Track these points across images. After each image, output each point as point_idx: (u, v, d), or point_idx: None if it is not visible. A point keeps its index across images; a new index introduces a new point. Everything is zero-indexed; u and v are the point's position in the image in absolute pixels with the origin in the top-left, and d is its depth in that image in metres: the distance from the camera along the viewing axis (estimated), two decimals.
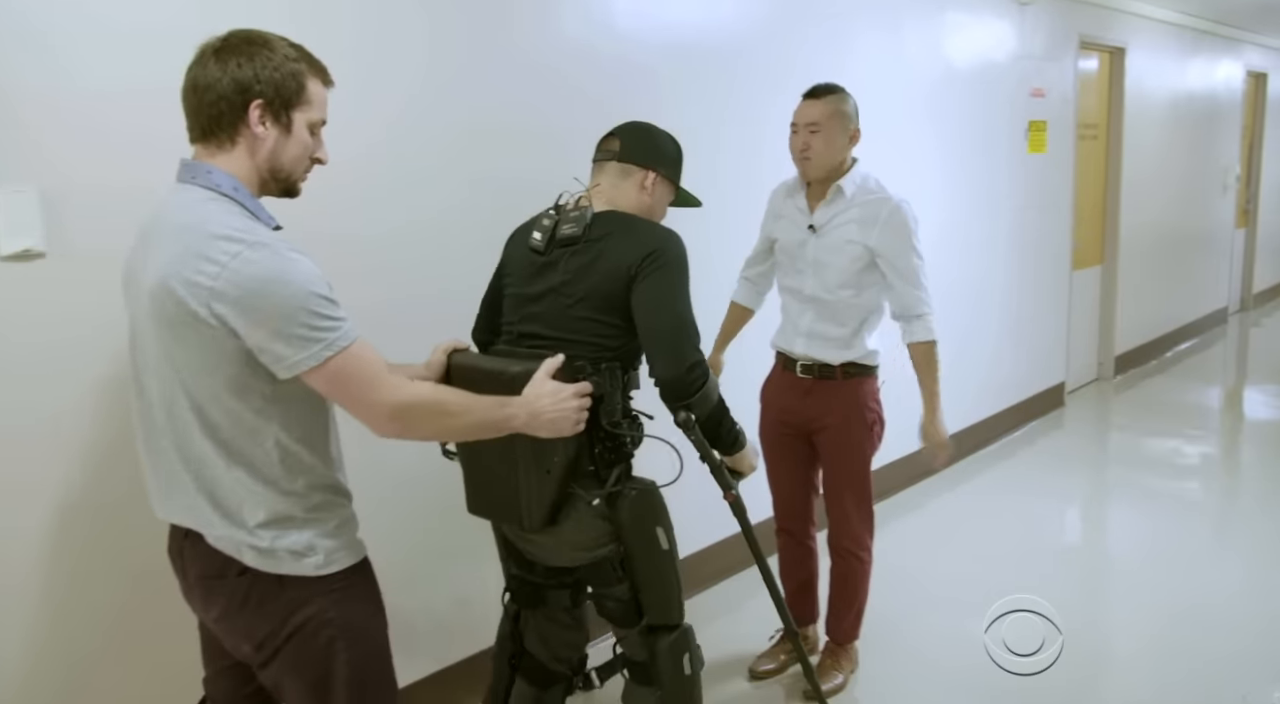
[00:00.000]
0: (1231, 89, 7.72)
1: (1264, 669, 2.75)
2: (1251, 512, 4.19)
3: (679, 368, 1.78)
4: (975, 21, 4.56)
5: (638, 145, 1.96)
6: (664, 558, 1.88)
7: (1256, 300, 8.92)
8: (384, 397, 1.42)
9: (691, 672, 1.95)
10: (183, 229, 1.35)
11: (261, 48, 1.41)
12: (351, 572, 1.50)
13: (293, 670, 1.47)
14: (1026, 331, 5.22)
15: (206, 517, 1.42)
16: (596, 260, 1.81)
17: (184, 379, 1.38)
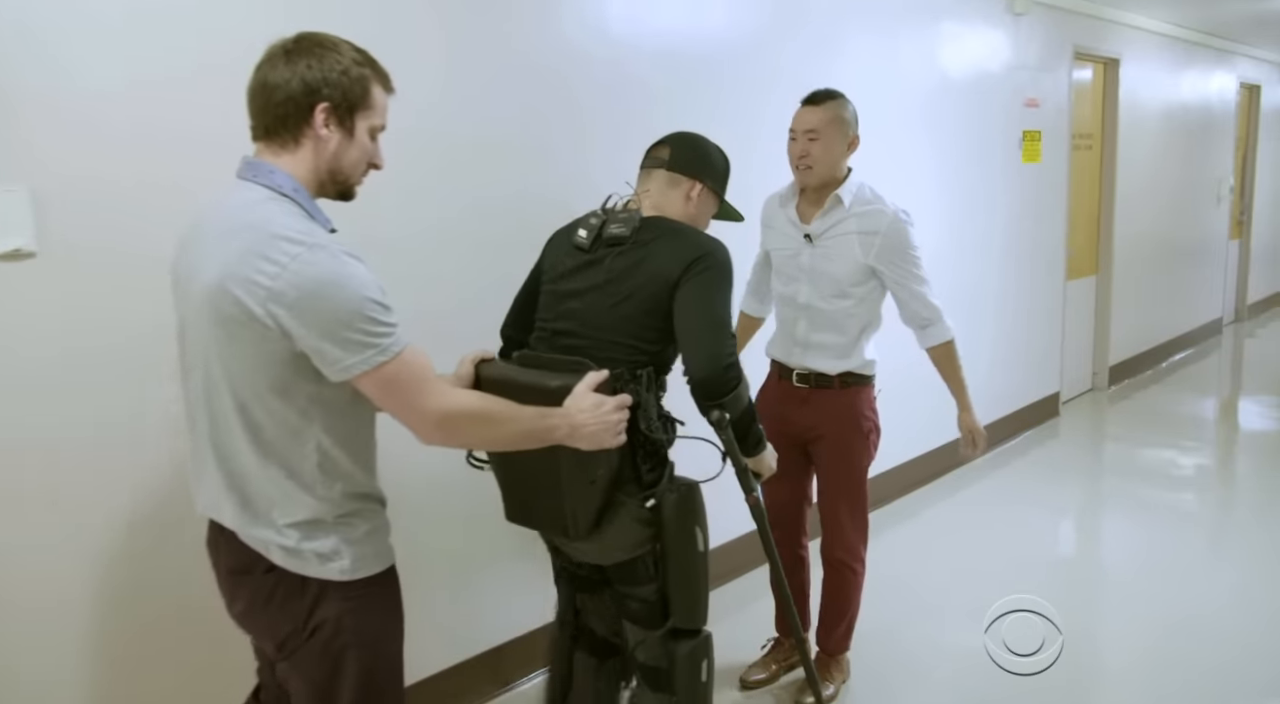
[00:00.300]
0: (1225, 100, 7.75)
1: (1257, 682, 2.74)
2: (1246, 523, 4.18)
3: (715, 367, 1.80)
4: (970, 31, 4.57)
5: (687, 155, 1.99)
6: (698, 559, 1.90)
7: (1251, 311, 8.93)
8: (433, 404, 1.43)
9: (707, 679, 1.96)
10: (243, 228, 1.36)
11: (330, 51, 1.42)
12: (376, 580, 1.50)
13: (303, 670, 1.48)
14: (1021, 341, 5.22)
15: (239, 513, 1.44)
16: (642, 262, 1.84)
17: (231, 377, 1.39)
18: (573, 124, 2.79)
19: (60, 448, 1.90)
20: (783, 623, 2.85)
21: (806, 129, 2.43)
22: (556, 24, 2.72)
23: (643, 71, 2.97)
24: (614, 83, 2.89)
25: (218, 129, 2.03)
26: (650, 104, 3.00)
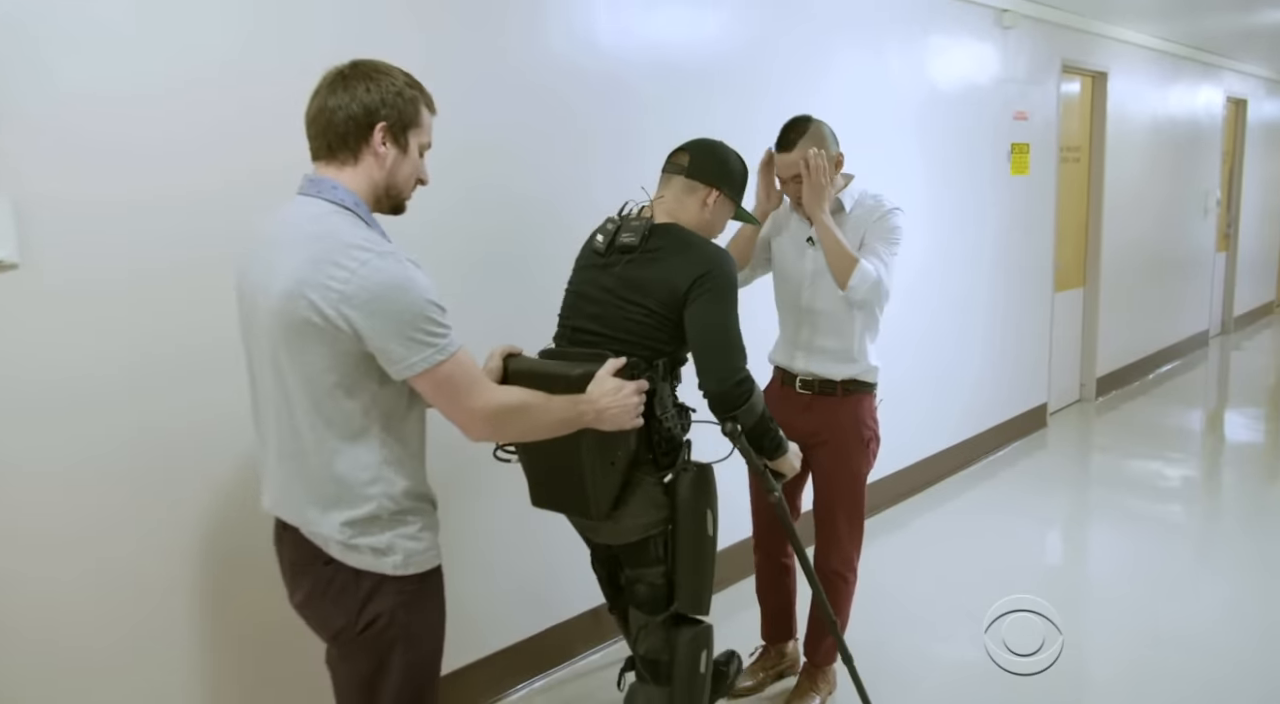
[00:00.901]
0: (1212, 114, 7.82)
1: (1245, 695, 2.75)
2: (1233, 534, 4.20)
3: (726, 382, 1.92)
4: (958, 44, 4.60)
5: (705, 163, 2.05)
6: (707, 543, 1.98)
7: (1237, 323, 8.99)
8: (482, 402, 1.55)
9: (705, 671, 2.03)
10: (313, 238, 1.47)
11: (385, 75, 1.54)
12: (425, 577, 1.59)
13: (351, 660, 1.58)
14: (1009, 353, 5.24)
15: (301, 510, 1.54)
16: (648, 270, 1.94)
17: (300, 378, 1.48)
18: (566, 135, 2.80)
19: (32, 471, 1.89)
20: (770, 631, 2.85)
21: (791, 175, 2.45)
22: (546, 38, 2.73)
23: (634, 82, 2.98)
24: (606, 93, 2.90)
25: (203, 142, 2.05)
26: (641, 113, 3.01)
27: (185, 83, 2.01)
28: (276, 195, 2.14)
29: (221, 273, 2.06)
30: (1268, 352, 8.36)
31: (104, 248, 1.93)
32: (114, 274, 1.95)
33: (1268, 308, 9.97)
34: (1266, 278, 9.90)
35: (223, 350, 2.11)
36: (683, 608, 1.97)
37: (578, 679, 2.90)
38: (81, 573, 1.96)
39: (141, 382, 2.00)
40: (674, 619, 1.98)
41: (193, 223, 2.05)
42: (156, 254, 2.01)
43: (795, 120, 2.47)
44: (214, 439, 2.11)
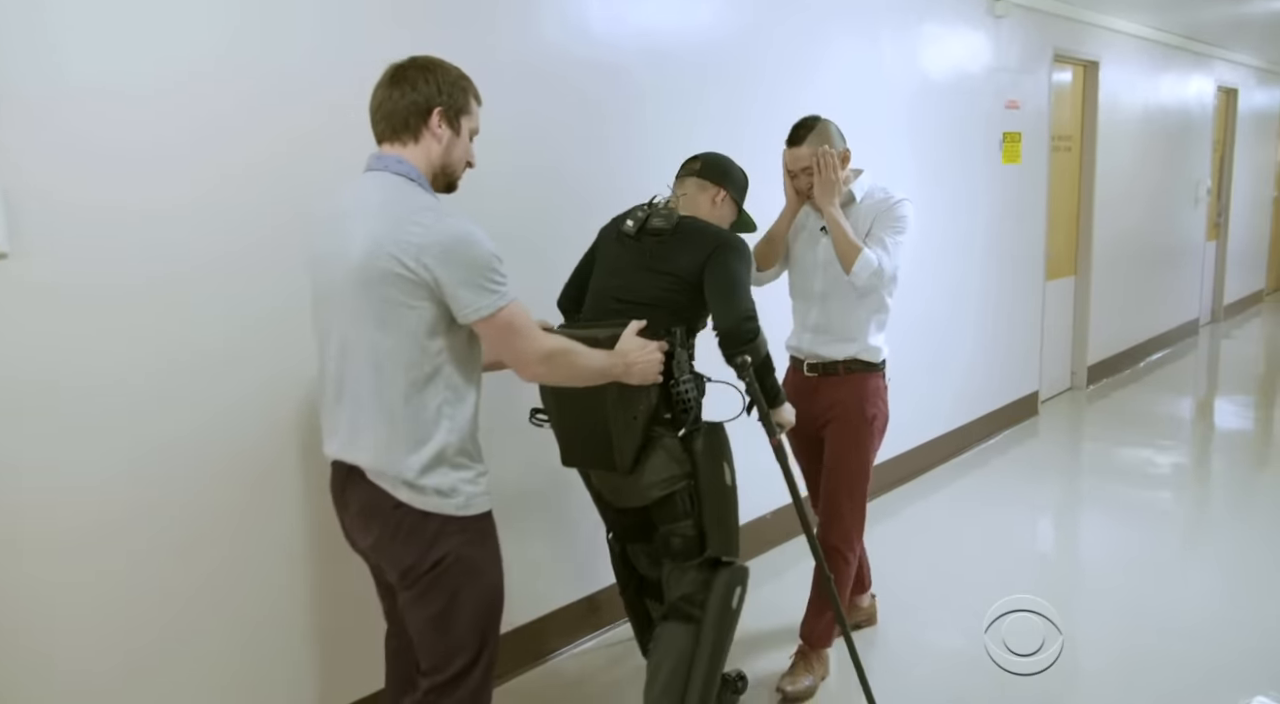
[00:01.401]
0: (1203, 103, 7.84)
1: (1233, 678, 2.77)
2: (1222, 521, 4.23)
3: (737, 318, 2.15)
4: (951, 33, 4.60)
5: (714, 168, 2.41)
6: (728, 492, 2.22)
7: (1227, 312, 9.04)
8: (537, 345, 1.76)
9: (736, 608, 2.23)
10: (388, 204, 1.67)
11: (439, 67, 1.76)
12: (484, 518, 1.77)
13: (422, 600, 1.73)
14: (1001, 341, 5.26)
15: (375, 454, 1.69)
16: (679, 250, 2.23)
17: (384, 329, 1.65)
18: (559, 122, 2.80)
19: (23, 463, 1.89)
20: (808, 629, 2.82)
21: (802, 168, 2.60)
22: (539, 26, 2.73)
23: (628, 69, 2.98)
24: (600, 81, 2.90)
25: (193, 134, 2.05)
26: (635, 101, 3.02)
27: (175, 79, 2.01)
28: (270, 187, 2.16)
29: (222, 273, 2.11)
30: (1257, 340, 8.41)
31: (93, 236, 1.93)
32: (104, 265, 1.95)
33: (1257, 297, 10.02)
34: (1256, 267, 9.94)
35: (237, 347, 2.12)
36: (715, 552, 2.20)
37: (577, 661, 2.92)
38: (103, 576, 1.99)
39: (157, 382, 2.01)
40: (710, 563, 2.21)
41: (190, 223, 2.05)
42: (153, 255, 2.02)
43: (805, 119, 2.62)
44: (223, 429, 2.12)
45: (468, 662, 1.75)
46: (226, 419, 2.16)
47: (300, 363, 2.16)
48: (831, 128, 2.61)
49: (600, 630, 3.10)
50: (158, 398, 2.04)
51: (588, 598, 3.04)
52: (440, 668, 1.75)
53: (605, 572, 3.03)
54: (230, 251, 2.12)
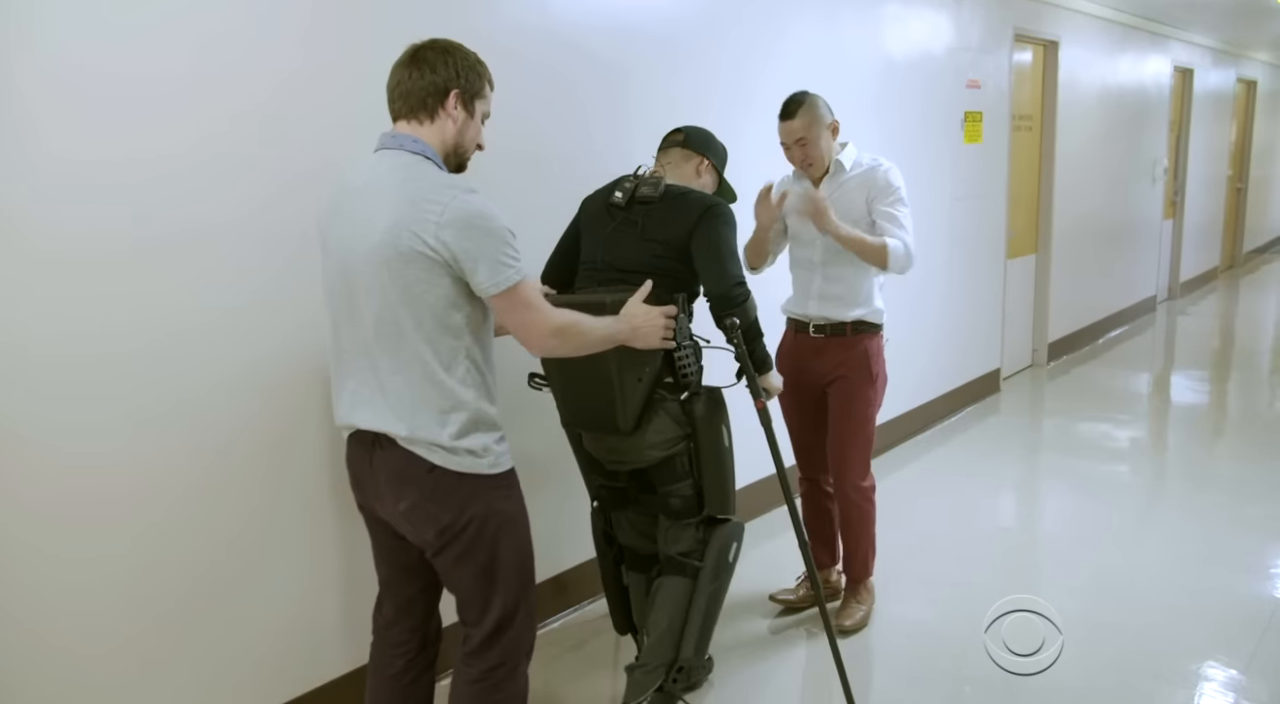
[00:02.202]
0: (1160, 84, 7.95)
1: (1183, 643, 2.85)
2: (1178, 493, 4.33)
3: (727, 283, 2.23)
4: (913, 13, 4.61)
5: (697, 138, 2.48)
6: (725, 454, 2.32)
7: (1183, 289, 9.21)
8: (547, 319, 1.81)
9: (733, 561, 2.37)
10: (408, 181, 1.72)
11: (456, 50, 1.81)
12: (511, 474, 1.87)
13: (466, 555, 1.81)
14: (963, 319, 5.32)
15: (407, 423, 1.74)
16: (668, 216, 2.28)
17: (408, 304, 1.70)
18: (525, 100, 2.77)
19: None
20: (815, 556, 3.08)
21: (795, 139, 2.76)
22: (505, 6, 2.70)
23: (592, 47, 2.96)
24: (565, 58, 2.88)
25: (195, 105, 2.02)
26: (600, 79, 3.00)
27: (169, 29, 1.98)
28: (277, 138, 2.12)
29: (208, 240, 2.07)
30: (1212, 316, 8.58)
31: (102, 203, 1.91)
32: (117, 234, 1.94)
33: (1212, 274, 10.22)
34: (1211, 244, 10.14)
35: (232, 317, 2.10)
36: (713, 510, 2.32)
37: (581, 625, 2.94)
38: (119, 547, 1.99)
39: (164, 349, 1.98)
40: (707, 521, 2.34)
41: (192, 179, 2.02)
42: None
43: (795, 94, 2.76)
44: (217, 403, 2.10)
45: (513, 607, 1.86)
46: (237, 387, 2.19)
47: (311, 332, 2.19)
48: (820, 102, 2.75)
49: (567, 610, 3.11)
50: (164, 364, 2.06)
51: (553, 579, 3.04)
52: (487, 615, 1.85)
53: (570, 553, 3.06)
54: (221, 220, 2.10)
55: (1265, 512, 3.86)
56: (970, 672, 2.71)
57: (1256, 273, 10.95)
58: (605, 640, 2.90)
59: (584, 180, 2.52)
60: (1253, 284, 10.24)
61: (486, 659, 1.87)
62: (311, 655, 2.42)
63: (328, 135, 2.29)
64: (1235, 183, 10.79)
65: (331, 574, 2.43)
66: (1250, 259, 11.65)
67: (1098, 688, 2.61)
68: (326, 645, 2.44)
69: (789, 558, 2.99)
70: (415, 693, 2.01)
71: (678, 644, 2.30)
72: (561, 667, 2.81)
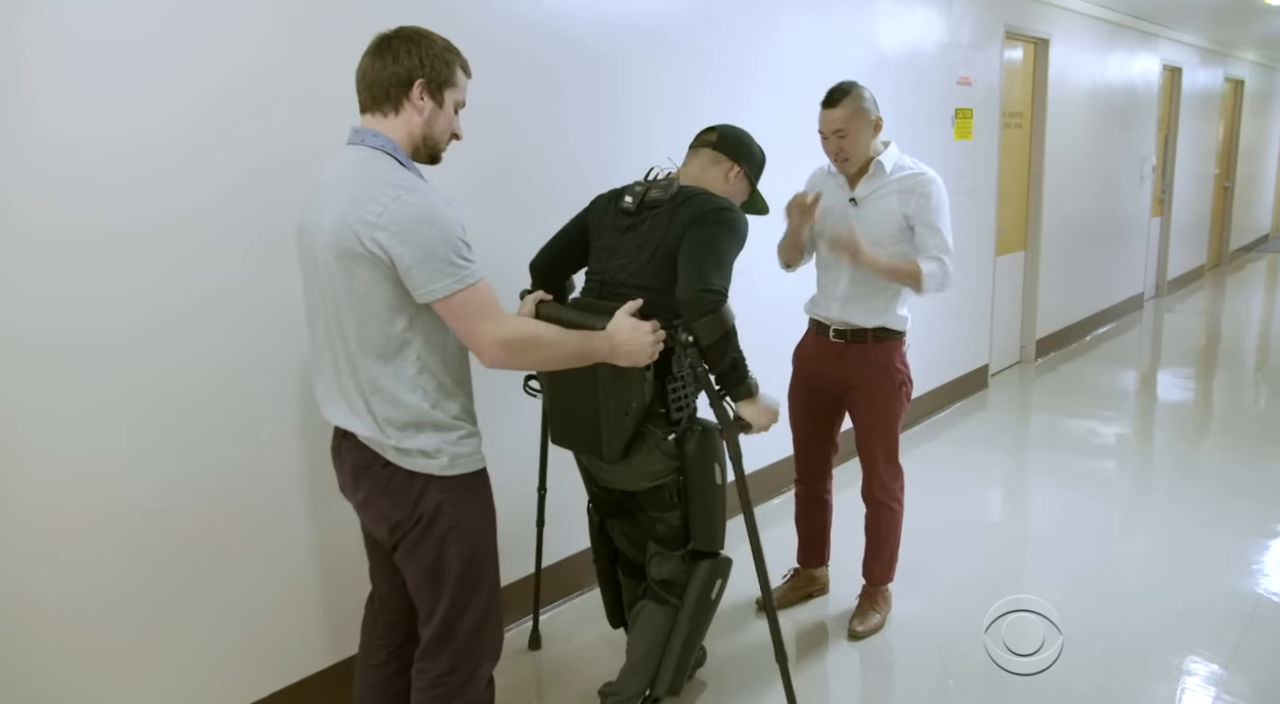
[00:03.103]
0: (1149, 82, 7.98)
1: (1167, 640, 2.87)
2: (1163, 490, 4.36)
3: (695, 290, 1.96)
4: (904, 9, 4.62)
5: (732, 141, 2.26)
6: (716, 491, 2.18)
7: (1170, 287, 9.26)
8: (492, 330, 1.70)
9: (715, 598, 2.25)
10: (355, 178, 1.67)
11: (425, 38, 1.74)
12: (471, 478, 1.81)
13: (414, 554, 1.79)
14: (952, 315, 5.34)
15: (360, 419, 1.74)
16: (673, 218, 2.07)
17: (349, 303, 1.67)
18: (515, 92, 2.77)
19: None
20: (804, 556, 3.11)
21: (834, 130, 2.65)
22: None
23: (583, 39, 2.96)
24: (555, 51, 2.87)
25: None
26: (597, 73, 2.99)
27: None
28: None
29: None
30: (1199, 313, 8.64)
31: (85, 181, 1.89)
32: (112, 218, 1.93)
33: (1199, 272, 10.28)
34: (1198, 242, 10.20)
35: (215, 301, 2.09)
36: (699, 545, 2.20)
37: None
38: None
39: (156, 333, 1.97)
40: (694, 553, 2.22)
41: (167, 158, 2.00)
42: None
43: (842, 83, 2.66)
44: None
45: (457, 614, 1.82)
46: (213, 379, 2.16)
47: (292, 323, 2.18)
48: (866, 94, 2.66)
49: (560, 600, 3.12)
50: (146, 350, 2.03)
51: (547, 569, 3.04)
52: (434, 617, 1.82)
53: (562, 544, 3.05)
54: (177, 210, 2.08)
55: (1249, 507, 3.89)
56: (956, 666, 2.73)
57: (1243, 271, 11.02)
58: (589, 635, 2.91)
59: (569, 172, 2.49)
60: (1239, 282, 10.31)
61: (437, 663, 1.84)
62: (299, 646, 2.42)
63: (312, 117, 2.27)
64: (1222, 181, 10.86)
65: (316, 565, 2.42)
66: (1237, 257, 11.72)
67: (1082, 682, 2.63)
68: (313, 636, 2.44)
69: (776, 555, 2.99)
70: (398, 684, 2.01)
71: (653, 677, 2.24)
72: (553, 656, 2.81)
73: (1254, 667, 2.70)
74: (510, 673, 2.69)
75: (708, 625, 2.30)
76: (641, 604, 2.28)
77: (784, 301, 3.12)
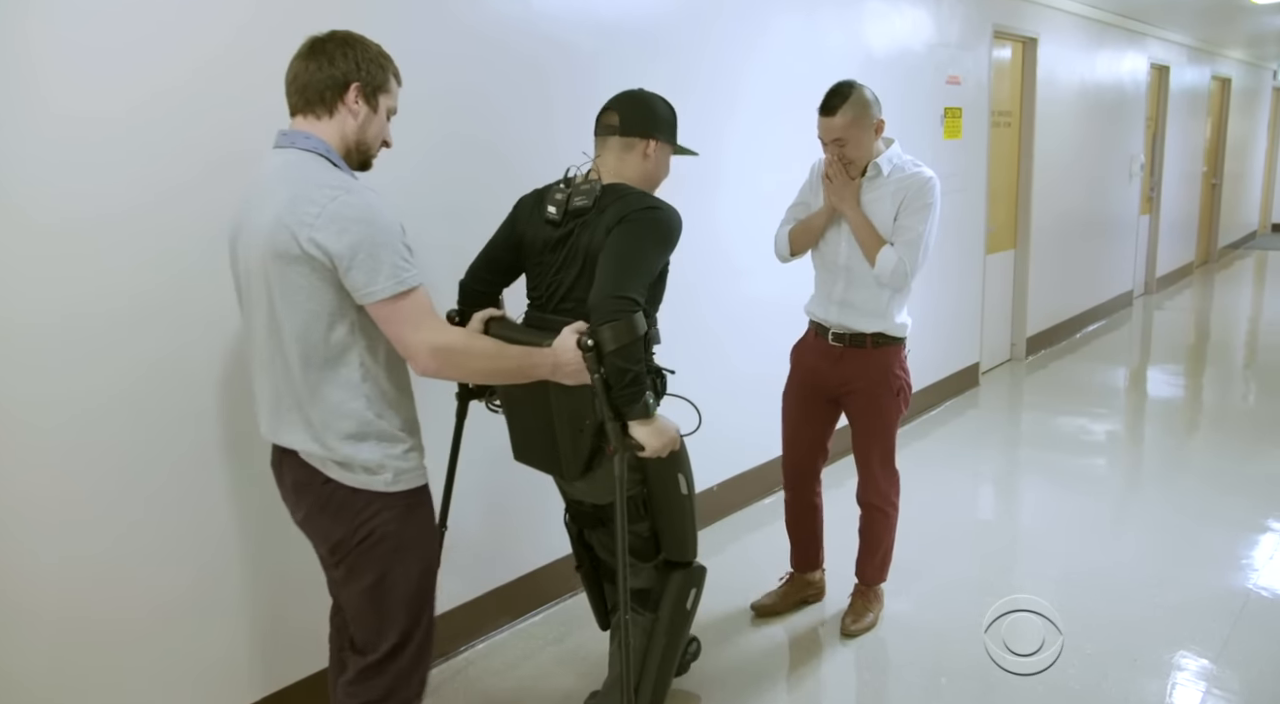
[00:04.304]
0: (1136, 80, 8.01)
1: (1154, 632, 2.89)
2: (1153, 486, 4.38)
3: (603, 295, 1.83)
4: (893, 9, 4.63)
5: (635, 117, 2.05)
6: (682, 501, 2.10)
7: (1159, 284, 9.30)
8: (425, 337, 1.65)
9: (690, 608, 2.20)
10: (290, 181, 1.62)
11: (359, 42, 1.72)
12: (414, 493, 1.76)
13: (352, 575, 1.74)
14: (943, 314, 5.36)
15: (299, 434, 1.69)
16: (599, 224, 1.93)
17: (288, 309, 1.62)
18: (503, 91, 2.77)
19: None
20: (798, 560, 3.08)
21: (833, 138, 2.60)
22: None
23: (571, 39, 2.96)
24: (542, 50, 2.87)
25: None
26: (583, 73, 2.99)
27: None
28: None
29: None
30: (1188, 311, 8.68)
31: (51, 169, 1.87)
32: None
33: (1187, 269, 10.33)
34: (1187, 240, 10.24)
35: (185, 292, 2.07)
36: (670, 556, 2.14)
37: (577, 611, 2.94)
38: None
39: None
40: (666, 563, 2.15)
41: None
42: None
43: (839, 85, 2.59)
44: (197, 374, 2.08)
45: (399, 639, 1.76)
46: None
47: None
48: (866, 95, 2.60)
49: (545, 605, 3.12)
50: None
51: (529, 575, 3.04)
52: (373, 645, 1.77)
53: (544, 548, 3.04)
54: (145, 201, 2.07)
55: (1238, 503, 3.91)
56: (948, 663, 2.74)
57: (1231, 268, 11.08)
58: (581, 636, 2.91)
59: (554, 174, 2.44)
60: (1227, 279, 10.36)
61: (369, 690, 1.77)
62: (281, 656, 2.40)
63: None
64: (1210, 179, 10.91)
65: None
66: (1225, 254, 11.78)
67: (1074, 678, 2.64)
68: (291, 647, 2.40)
69: (767, 556, 2.99)
70: None
71: (635, 688, 2.17)
72: (539, 661, 2.81)
73: (1244, 661, 2.71)
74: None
75: (685, 635, 2.26)
76: (617, 619, 2.23)
77: (781, 299, 3.11)
